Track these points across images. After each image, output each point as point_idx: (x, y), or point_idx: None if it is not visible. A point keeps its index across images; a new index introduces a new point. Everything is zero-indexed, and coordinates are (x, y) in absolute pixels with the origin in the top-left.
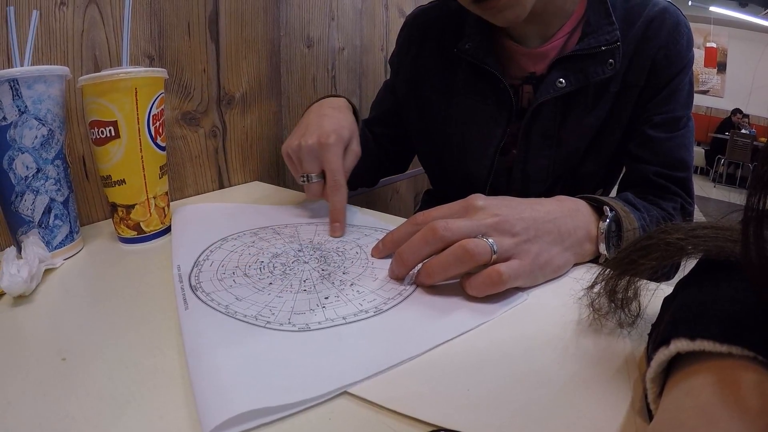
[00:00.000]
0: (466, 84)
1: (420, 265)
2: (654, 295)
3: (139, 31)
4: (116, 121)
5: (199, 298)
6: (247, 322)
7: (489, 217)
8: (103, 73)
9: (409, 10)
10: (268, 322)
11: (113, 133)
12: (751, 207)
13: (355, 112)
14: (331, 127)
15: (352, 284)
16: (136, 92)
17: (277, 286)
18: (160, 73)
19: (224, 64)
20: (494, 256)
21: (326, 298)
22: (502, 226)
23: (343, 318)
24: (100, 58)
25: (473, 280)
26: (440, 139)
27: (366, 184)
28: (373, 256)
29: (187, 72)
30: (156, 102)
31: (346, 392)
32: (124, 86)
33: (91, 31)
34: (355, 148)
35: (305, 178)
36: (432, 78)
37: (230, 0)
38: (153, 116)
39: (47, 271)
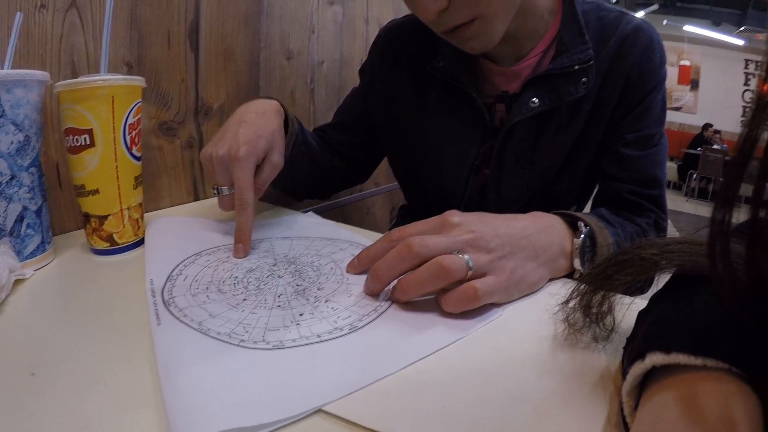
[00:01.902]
0: (440, 102)
1: (395, 281)
2: (628, 309)
3: (119, 37)
4: (92, 129)
5: (171, 314)
6: (221, 340)
7: (464, 233)
8: (80, 79)
9: None
10: (242, 341)
11: (88, 142)
12: (717, 222)
13: (287, 119)
14: (245, 137)
15: (326, 300)
16: (113, 100)
17: (251, 301)
18: (138, 81)
19: (203, 74)
20: (470, 273)
21: (301, 314)
22: (477, 242)
23: (318, 336)
24: (78, 63)
25: (449, 297)
26: (414, 156)
27: (317, 195)
28: (348, 271)
29: (166, 81)
30: (133, 111)
31: (320, 410)
32: (101, 94)
33: (71, 35)
34: (275, 159)
35: (216, 190)
36: (405, 95)
37: (211, 10)
38: (129, 125)
39: (17, 282)
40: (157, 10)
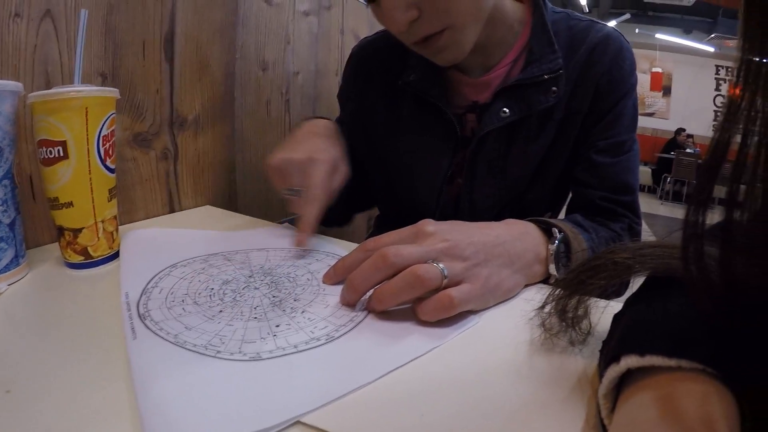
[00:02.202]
0: (412, 115)
1: (371, 290)
2: (604, 312)
3: (93, 47)
4: (65, 141)
5: (147, 327)
6: (197, 352)
7: (439, 242)
8: (53, 90)
9: (364, 35)
10: (219, 352)
11: (62, 154)
12: (691, 225)
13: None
14: (321, 145)
15: (303, 311)
16: (87, 112)
17: (228, 313)
18: (112, 92)
19: (178, 85)
20: (445, 281)
21: (277, 326)
22: (452, 250)
23: (295, 346)
24: (52, 74)
25: (425, 306)
26: (389, 171)
27: (339, 221)
28: (324, 282)
29: (140, 92)
30: (107, 122)
31: (299, 422)
32: (75, 105)
33: (45, 45)
34: (344, 167)
35: (291, 192)
36: (379, 110)
37: (187, 20)
38: (103, 137)
39: None
40: (132, 19)
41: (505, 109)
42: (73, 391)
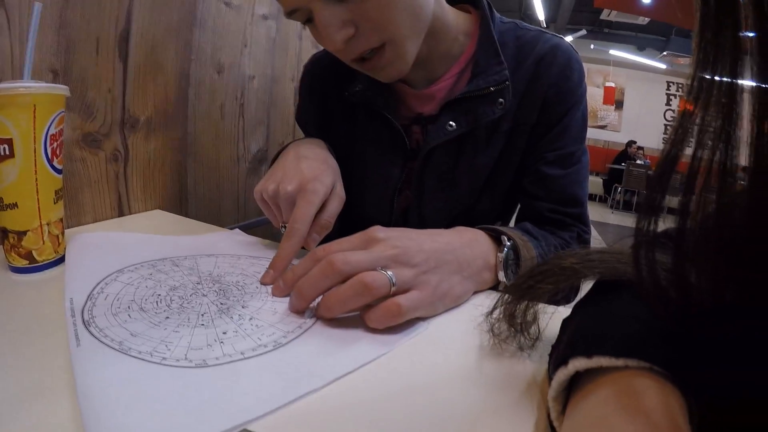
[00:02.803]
0: (364, 127)
1: (320, 297)
2: (552, 318)
3: (46, 42)
4: (11, 138)
5: (91, 334)
6: (142, 359)
7: (389, 249)
8: (0, 86)
9: None
10: (164, 358)
11: (8, 152)
12: (641, 231)
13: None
14: (312, 172)
15: (251, 318)
16: (35, 109)
17: (174, 320)
18: (62, 90)
19: (131, 85)
20: (393, 288)
21: (224, 333)
22: (401, 257)
23: (242, 353)
24: (2, 68)
25: (372, 313)
26: (345, 182)
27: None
28: (274, 295)
29: (92, 91)
30: (55, 121)
31: (245, 430)
32: (23, 102)
33: None
34: (340, 191)
35: (286, 227)
36: (336, 124)
37: (143, 19)
38: (51, 136)
39: None
40: (87, 16)
41: (451, 122)
42: (14, 402)
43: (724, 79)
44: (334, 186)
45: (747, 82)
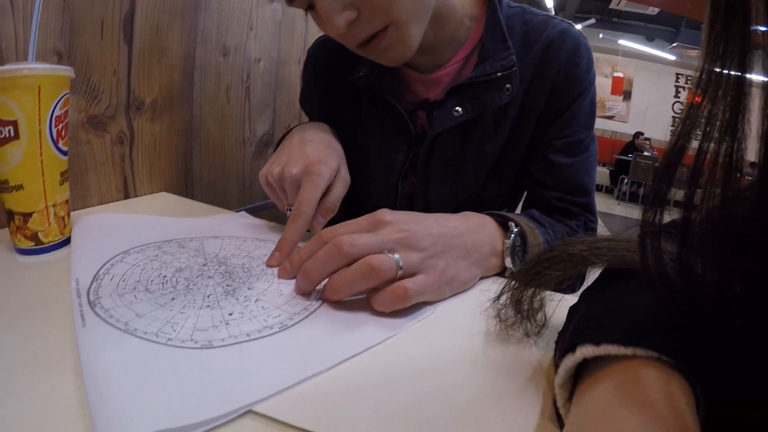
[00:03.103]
0: (368, 113)
1: (326, 280)
2: (558, 305)
3: (50, 24)
4: (16, 120)
5: (97, 315)
6: (147, 339)
7: (396, 232)
8: (4, 67)
9: None
10: (170, 339)
11: (12, 134)
12: (648, 222)
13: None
14: (317, 155)
15: (257, 300)
16: (40, 91)
17: (180, 301)
18: (67, 71)
19: (136, 67)
20: (400, 272)
21: (230, 314)
22: (408, 241)
23: (247, 335)
24: (6, 50)
25: (379, 296)
26: (350, 167)
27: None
28: (280, 277)
29: (97, 73)
30: (60, 102)
31: (251, 411)
32: (27, 83)
33: None
34: (344, 175)
35: (291, 210)
36: (342, 108)
37: (147, 1)
38: (56, 118)
39: None
40: None
41: (457, 108)
42: (19, 382)
43: (733, 72)
44: (339, 169)
45: (757, 77)
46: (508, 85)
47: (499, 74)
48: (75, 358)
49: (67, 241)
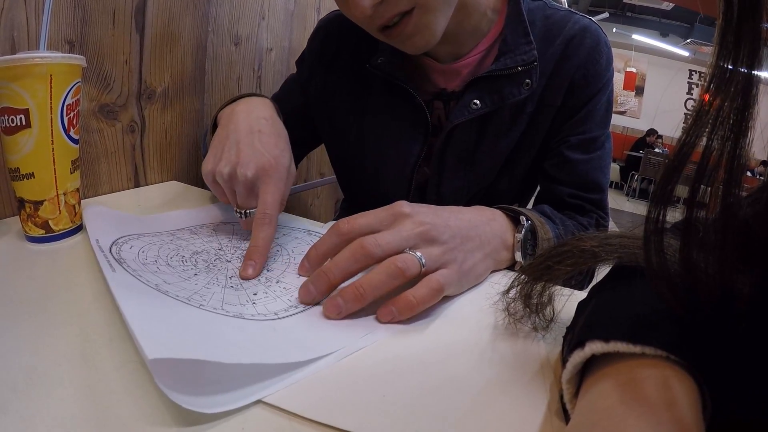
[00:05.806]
0: (380, 100)
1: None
2: (567, 300)
3: (61, 14)
4: (28, 109)
5: (125, 270)
6: (181, 301)
7: (417, 225)
8: (16, 56)
9: None
10: (202, 305)
11: (24, 122)
12: (652, 220)
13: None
14: (270, 154)
15: (278, 281)
16: (51, 79)
17: (203, 278)
18: (78, 60)
19: (147, 56)
20: (423, 269)
21: (255, 294)
22: (429, 234)
23: (275, 314)
24: (18, 39)
25: (417, 290)
26: (355, 156)
27: None
28: (300, 274)
29: (108, 62)
30: (72, 91)
31: (260, 401)
32: (39, 72)
33: (12, 10)
34: (293, 170)
35: (241, 214)
36: (345, 92)
37: None
38: (67, 106)
39: None
40: None
41: (476, 101)
42: (31, 369)
43: (743, 69)
44: (289, 164)
45: (766, 74)
46: (527, 80)
47: (519, 68)
48: (85, 346)
49: (77, 230)
